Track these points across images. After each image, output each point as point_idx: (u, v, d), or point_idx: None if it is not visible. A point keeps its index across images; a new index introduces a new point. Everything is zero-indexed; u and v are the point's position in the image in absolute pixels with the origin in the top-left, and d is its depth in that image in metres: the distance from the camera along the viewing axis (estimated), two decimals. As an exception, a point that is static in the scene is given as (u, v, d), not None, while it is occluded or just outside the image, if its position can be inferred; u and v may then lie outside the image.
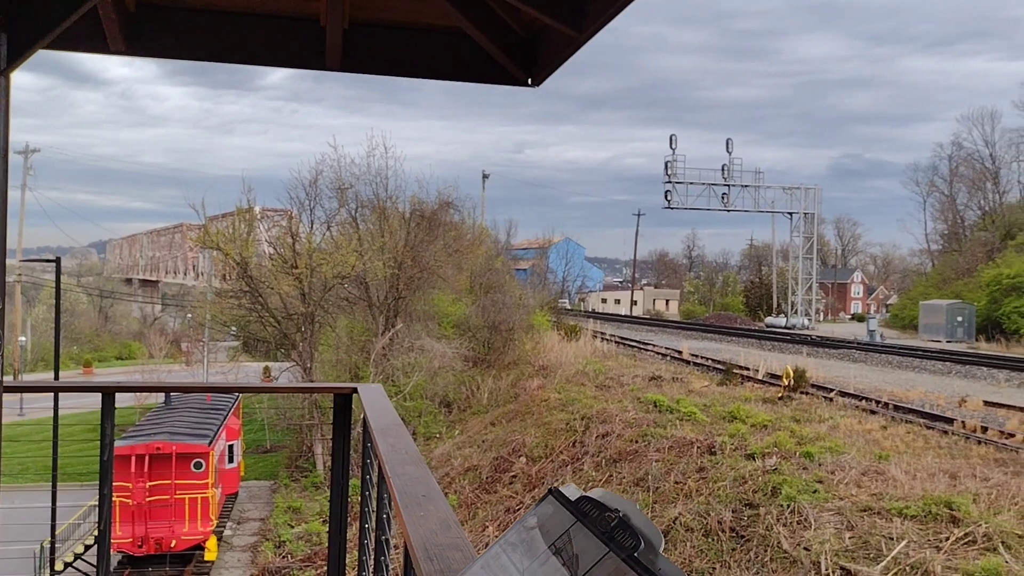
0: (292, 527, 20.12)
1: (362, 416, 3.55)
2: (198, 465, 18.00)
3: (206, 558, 18.07)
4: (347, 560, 3.99)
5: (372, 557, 3.04)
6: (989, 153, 67.09)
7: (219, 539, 19.16)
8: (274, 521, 20.78)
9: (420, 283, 30.90)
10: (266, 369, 37.98)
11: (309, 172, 31.07)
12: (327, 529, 15.11)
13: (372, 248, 29.86)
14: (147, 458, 17.55)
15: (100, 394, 4.11)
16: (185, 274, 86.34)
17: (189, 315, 51.58)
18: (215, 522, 18.83)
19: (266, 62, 4.66)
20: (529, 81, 4.90)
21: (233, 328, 40.28)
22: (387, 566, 2.84)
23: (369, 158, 31.60)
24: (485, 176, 69.66)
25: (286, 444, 29.97)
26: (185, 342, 52.18)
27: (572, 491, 1.30)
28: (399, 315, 29.97)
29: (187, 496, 17.61)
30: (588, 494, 1.25)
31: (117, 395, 4.29)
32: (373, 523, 3.14)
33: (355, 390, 3.90)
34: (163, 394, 23.72)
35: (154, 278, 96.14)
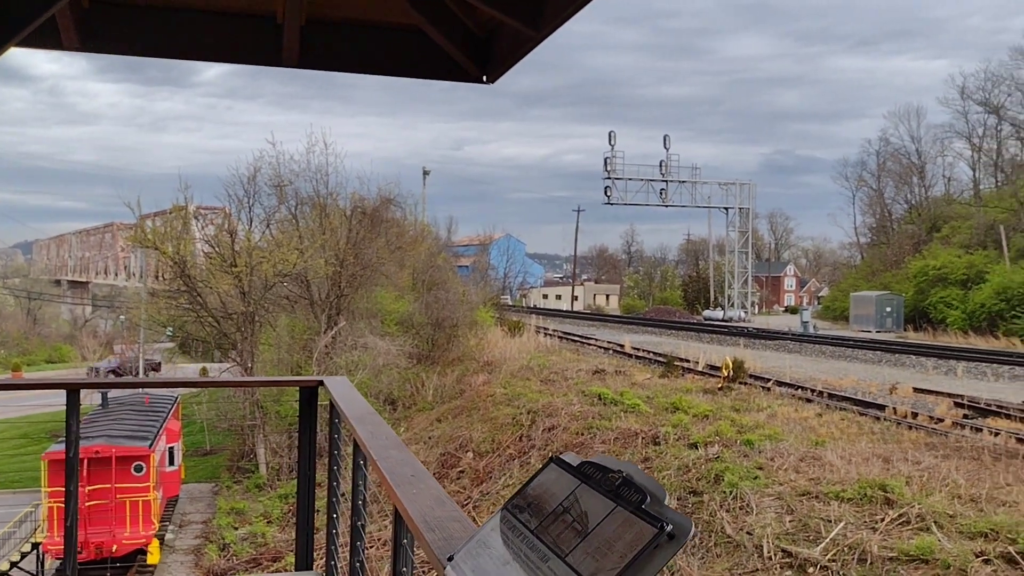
0: (236, 529, 19.87)
1: (330, 406, 3.62)
2: (139, 468, 17.65)
3: (148, 561, 17.73)
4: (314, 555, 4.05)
5: (343, 533, 3.13)
6: (915, 148, 69.40)
7: (161, 542, 18.83)
8: (217, 523, 20.49)
9: (362, 280, 30.72)
10: (203, 370, 37.35)
11: (247, 169, 30.62)
12: (271, 530, 14.93)
13: (313, 245, 29.59)
14: (86, 461, 17.14)
15: (64, 391, 4.09)
16: (117, 275, 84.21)
17: (122, 316, 50.35)
18: (157, 525, 18.49)
19: (223, 59, 4.67)
20: (484, 78, 5.00)
21: (169, 329, 39.48)
22: (363, 549, 2.93)
23: (309, 154, 31.31)
24: (425, 173, 69.44)
25: (227, 446, 29.52)
26: (118, 344, 50.92)
27: (573, 458, 1.41)
28: (341, 313, 29.76)
29: (128, 499, 17.25)
30: (590, 459, 1.36)
31: (44, 399, 4.27)
32: (343, 506, 3.22)
33: (321, 383, 3.96)
34: (99, 396, 23.17)
35: (84, 279, 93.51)
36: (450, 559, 1.46)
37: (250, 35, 4.53)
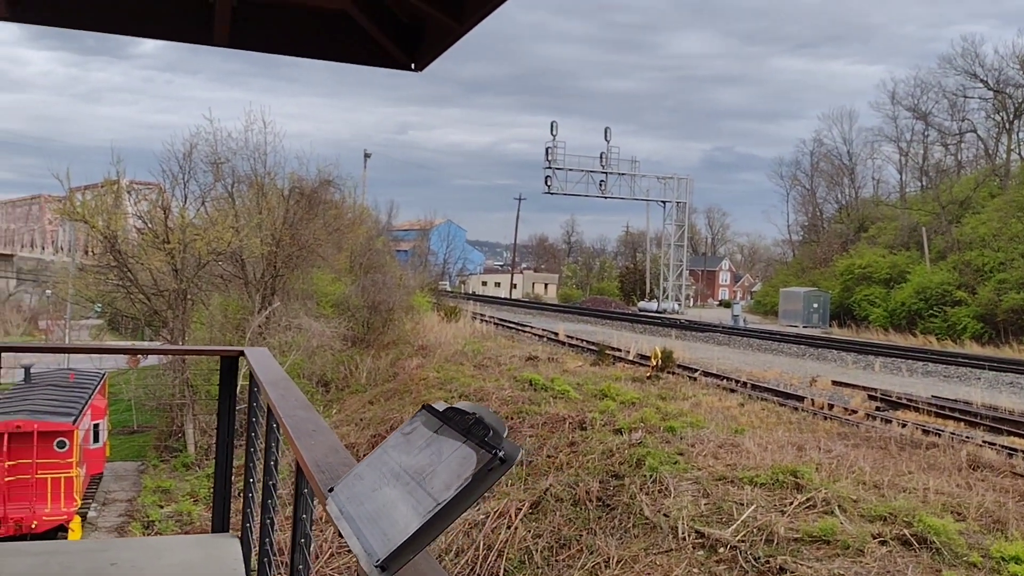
0: (162, 507, 19.71)
1: (249, 373, 3.79)
2: (61, 444, 17.36)
3: (70, 539, 17.47)
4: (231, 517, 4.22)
5: (259, 496, 3.31)
6: (847, 150, 71.50)
7: (83, 520, 18.58)
8: (142, 501, 20.29)
9: (299, 261, 30.53)
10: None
11: (183, 144, 30.12)
12: (198, 509, 14.91)
13: (249, 225, 29.28)
14: (6, 436, 16.81)
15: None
16: (44, 248, 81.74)
17: (49, 291, 48.99)
18: (79, 502, 18.23)
19: (153, 35, 4.75)
20: (412, 66, 5.18)
21: (98, 305, 38.65)
22: (274, 508, 3.11)
23: (247, 133, 30.97)
24: (367, 155, 68.94)
25: (155, 424, 29.12)
26: (44, 319, 49.56)
27: (440, 405, 1.64)
28: (276, 293, 29.55)
29: (49, 476, 16.96)
30: (453, 405, 1.59)
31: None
32: (260, 469, 3.40)
33: (242, 352, 4.11)
34: (21, 372, 22.67)
35: (8, 252, 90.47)
36: (331, 490, 1.67)
37: (182, 12, 4.62)
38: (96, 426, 21.01)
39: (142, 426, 29.52)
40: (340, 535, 1.52)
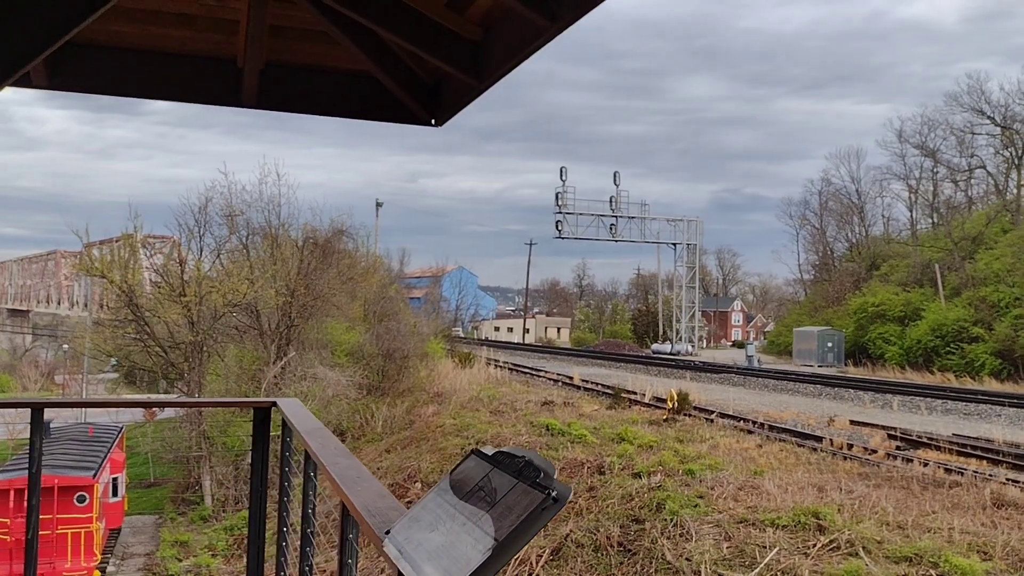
0: (180, 561, 19.63)
1: (282, 424, 3.89)
2: (81, 499, 17.40)
3: (89, 595, 17.44)
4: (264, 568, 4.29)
5: (295, 544, 3.39)
6: (855, 189, 71.71)
7: (103, 575, 18.53)
8: (161, 555, 20.22)
9: (313, 311, 30.70)
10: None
11: (198, 198, 30.52)
12: (217, 562, 14.91)
13: (264, 276, 29.55)
14: (26, 491, 16.88)
15: (29, 410, 4.28)
16: (59, 303, 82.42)
17: (66, 346, 49.32)
18: (99, 557, 18.20)
19: (185, 99, 4.96)
20: (433, 121, 5.37)
21: (114, 359, 38.88)
22: (311, 555, 3.19)
23: (261, 185, 31.37)
24: (379, 204, 69.58)
25: (172, 477, 29.10)
26: (60, 374, 49.85)
27: (488, 449, 1.74)
28: (291, 343, 29.68)
29: (70, 531, 16.97)
30: (501, 449, 1.69)
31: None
32: (293, 519, 3.48)
33: (274, 404, 4.22)
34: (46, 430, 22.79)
35: (24, 307, 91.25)
36: (387, 532, 1.76)
37: (212, 77, 4.83)
38: (115, 480, 21.05)
39: (159, 479, 29.53)
40: (401, 574, 1.62)
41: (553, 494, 1.41)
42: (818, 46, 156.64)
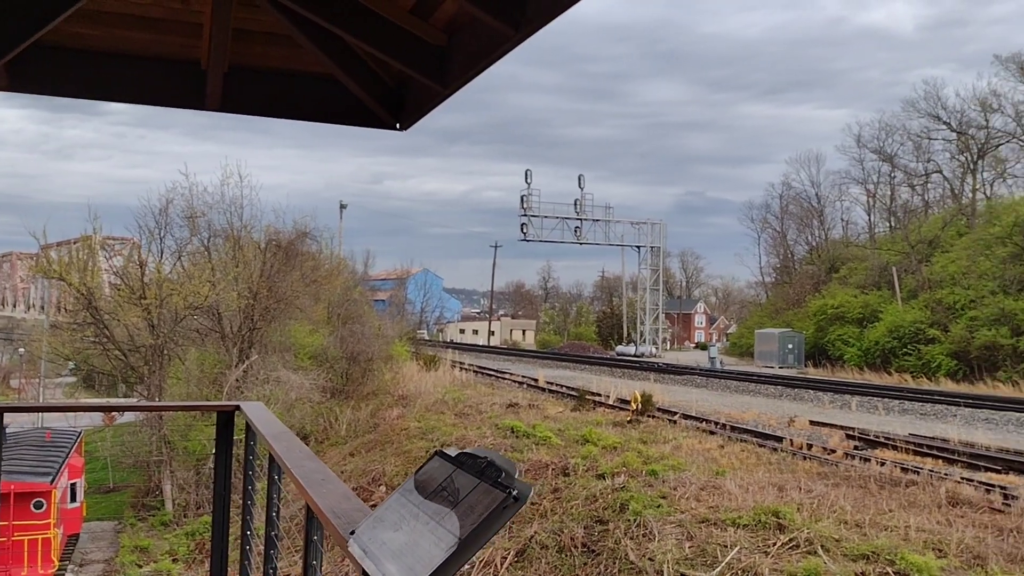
0: (140, 567, 19.37)
1: (246, 428, 3.89)
2: (38, 505, 17.10)
3: (46, 603, 17.14)
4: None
5: (259, 548, 3.40)
6: (815, 193, 72.87)
7: (60, 583, 18.24)
8: (121, 561, 19.93)
9: (276, 314, 30.46)
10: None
11: (159, 200, 30.13)
12: (178, 568, 14.73)
13: (226, 278, 29.26)
14: (-20, 499, 16.57)
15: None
16: (15, 306, 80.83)
17: (22, 349, 48.36)
18: (57, 564, 17.90)
19: (148, 101, 4.93)
20: (397, 125, 5.39)
21: (72, 362, 38.22)
22: (276, 557, 3.21)
23: (223, 186, 31.03)
24: (343, 206, 69.20)
25: (132, 483, 28.69)
26: (16, 378, 48.85)
27: (452, 451, 1.78)
28: (254, 346, 29.42)
29: (26, 537, 16.67)
30: (464, 450, 1.74)
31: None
32: (257, 523, 3.49)
33: (238, 407, 4.21)
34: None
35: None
36: (352, 533, 1.80)
37: (176, 80, 4.81)
38: (73, 485, 20.72)
39: (119, 484, 29.09)
40: (366, 574, 1.65)
41: (514, 493, 1.45)
42: (779, 52, 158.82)
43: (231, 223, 30.88)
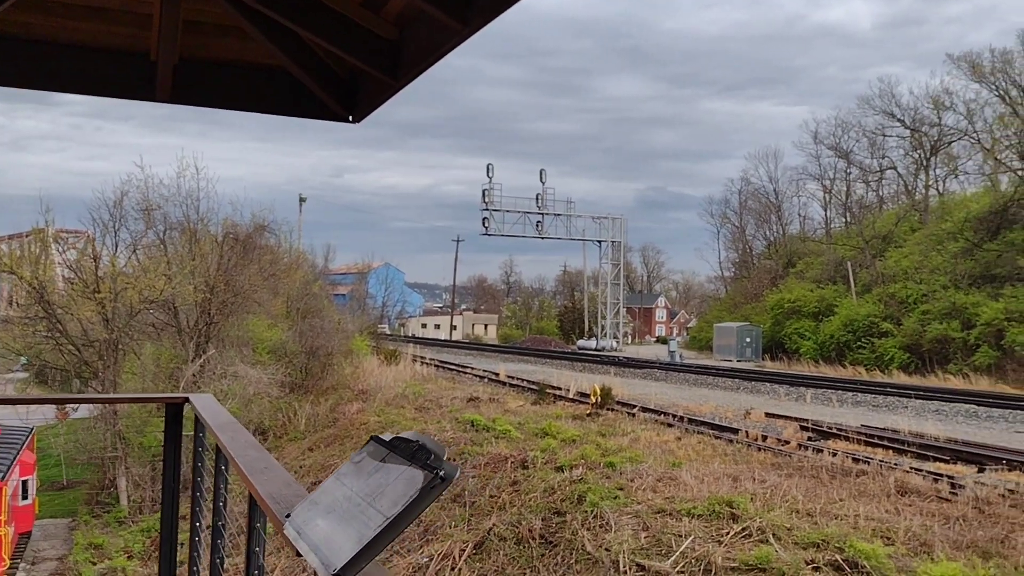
0: (94, 564, 19.09)
1: (194, 420, 3.90)
2: (-12, 502, 16.79)
3: (-4, 602, 16.82)
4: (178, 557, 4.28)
5: (207, 539, 3.41)
6: (773, 188, 73.88)
7: (11, 581, 17.90)
8: (74, 559, 19.62)
9: (234, 308, 30.13)
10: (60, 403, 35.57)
11: (113, 192, 29.61)
12: (133, 564, 14.56)
13: (182, 272, 28.88)
14: (-73, 497, 16.22)
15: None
16: (-36, 300, 78.91)
17: (-30, 344, 47.19)
18: (8, 563, 17.57)
19: (97, 92, 4.89)
20: (350, 118, 5.41)
21: (24, 357, 37.48)
22: (223, 547, 3.23)
23: (179, 179, 30.59)
24: (302, 199, 68.64)
25: (86, 479, 28.23)
26: (-35, 374, 47.67)
27: (387, 436, 1.83)
28: (211, 341, 29.09)
29: (-25, 536, 16.38)
30: (398, 435, 1.79)
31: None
32: (206, 514, 3.51)
33: (187, 399, 4.21)
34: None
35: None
36: (288, 516, 1.84)
37: (125, 71, 4.77)
38: (25, 482, 20.35)
39: (72, 481, 28.61)
40: (299, 554, 1.70)
41: (441, 474, 1.51)
42: (740, 48, 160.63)
43: (187, 216, 30.48)
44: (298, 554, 1.69)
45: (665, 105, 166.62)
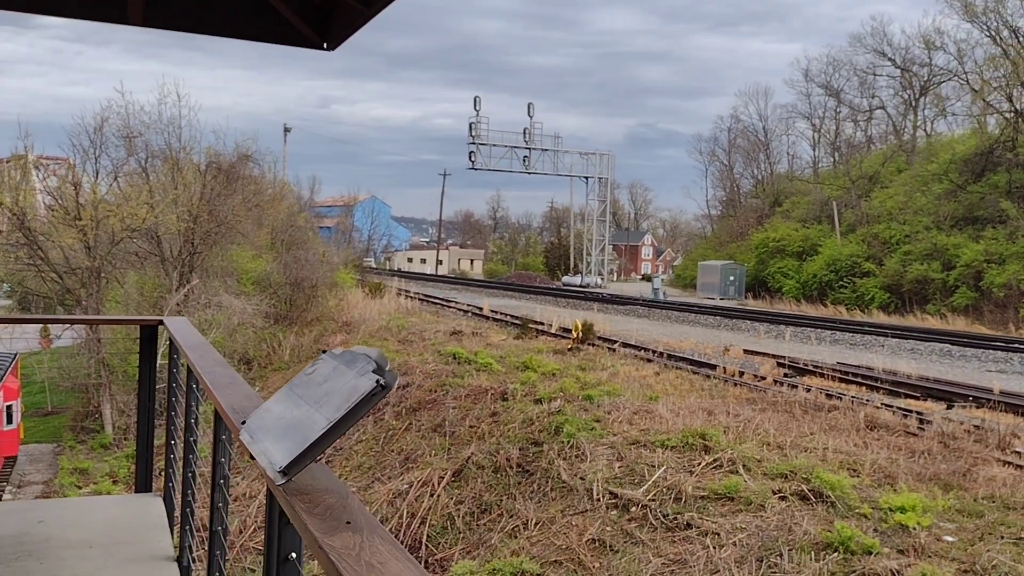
0: (79, 488, 19.44)
1: (168, 343, 3.99)
2: (-27, 426, 16.99)
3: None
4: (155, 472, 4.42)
5: (181, 453, 3.54)
6: (762, 127, 73.49)
7: (-2, 503, 18.21)
8: (59, 483, 19.97)
9: (217, 238, 30.08)
10: (45, 328, 35.65)
11: (94, 118, 29.20)
12: (118, 489, 14.78)
13: (164, 201, 28.72)
14: (-88, 420, 16.39)
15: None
16: (-55, 226, 78.16)
17: (-48, 271, 46.97)
18: (-7, 485, 17.88)
19: (66, 13, 4.84)
20: (325, 45, 5.38)
21: (6, 285, 37.42)
22: (195, 462, 3.35)
23: (160, 106, 30.20)
24: (287, 130, 67.87)
25: (70, 406, 28.50)
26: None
27: (338, 350, 1.93)
28: (195, 271, 29.10)
29: (-39, 459, 16.62)
30: (348, 349, 1.88)
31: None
32: (181, 430, 3.62)
33: (161, 322, 4.30)
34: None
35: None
36: (243, 423, 1.95)
37: (95, -8, 4.73)
38: (9, 407, 20.56)
39: (57, 408, 28.88)
40: (252, 457, 1.81)
41: (381, 382, 1.61)
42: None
43: (169, 144, 30.18)
44: (251, 457, 1.80)
45: (657, 40, 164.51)
